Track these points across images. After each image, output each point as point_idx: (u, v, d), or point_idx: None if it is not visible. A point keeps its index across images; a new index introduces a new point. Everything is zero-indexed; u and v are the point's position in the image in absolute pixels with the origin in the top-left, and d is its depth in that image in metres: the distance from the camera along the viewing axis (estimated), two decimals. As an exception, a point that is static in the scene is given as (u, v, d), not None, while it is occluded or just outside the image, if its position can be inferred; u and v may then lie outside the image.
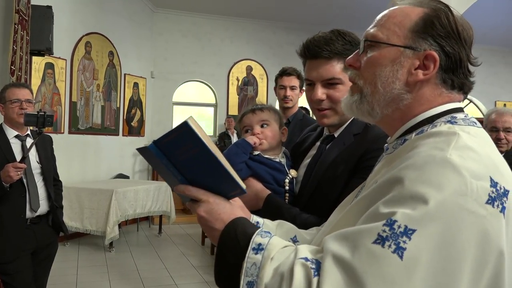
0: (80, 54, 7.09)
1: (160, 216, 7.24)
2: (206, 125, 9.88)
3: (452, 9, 0.95)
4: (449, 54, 0.92)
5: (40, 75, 6.26)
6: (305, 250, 0.83)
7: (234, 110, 9.76)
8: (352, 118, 1.46)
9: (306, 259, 0.80)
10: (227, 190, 1.01)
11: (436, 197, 0.74)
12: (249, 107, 1.68)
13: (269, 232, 0.92)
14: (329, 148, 1.47)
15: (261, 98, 9.88)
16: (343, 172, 1.35)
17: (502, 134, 2.96)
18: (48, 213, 3.05)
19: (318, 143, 1.56)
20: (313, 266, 0.78)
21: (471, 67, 0.97)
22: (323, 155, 1.46)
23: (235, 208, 1.02)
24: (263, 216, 1.43)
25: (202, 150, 0.92)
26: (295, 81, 3.41)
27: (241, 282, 0.84)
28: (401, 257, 0.71)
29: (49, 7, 4.85)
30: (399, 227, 0.73)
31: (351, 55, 1.03)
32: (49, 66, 6.41)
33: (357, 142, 1.40)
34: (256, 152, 1.56)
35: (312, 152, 1.55)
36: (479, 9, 7.04)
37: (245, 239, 0.90)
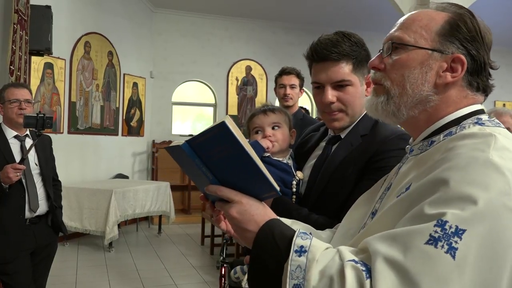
0: (79, 54, 7.08)
1: (160, 216, 7.23)
2: (205, 125, 9.87)
3: (474, 13, 0.98)
4: (475, 57, 0.96)
5: (39, 75, 6.25)
6: (348, 252, 0.84)
7: (233, 110, 9.76)
8: (358, 119, 1.46)
9: (355, 261, 0.80)
10: (260, 191, 0.99)
11: (484, 198, 0.76)
12: (259, 107, 1.66)
13: (306, 233, 0.91)
14: (336, 149, 1.46)
15: (261, 98, 9.88)
16: (352, 173, 1.35)
17: None
18: (48, 213, 3.05)
19: (323, 144, 1.55)
20: (363, 268, 0.78)
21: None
22: (330, 156, 1.45)
23: (268, 210, 1.01)
24: None
25: (238, 151, 0.91)
26: (294, 80, 3.44)
27: (287, 285, 0.83)
28: (453, 257, 0.73)
29: (48, 7, 4.85)
30: (450, 227, 0.75)
31: (374, 57, 1.05)
32: (48, 66, 6.40)
33: (365, 143, 1.40)
34: (266, 154, 1.56)
35: (317, 152, 1.55)
36: (478, 9, 7.02)
37: (284, 242, 0.89)
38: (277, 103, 3.63)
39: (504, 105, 10.99)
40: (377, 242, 0.80)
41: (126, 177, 8.08)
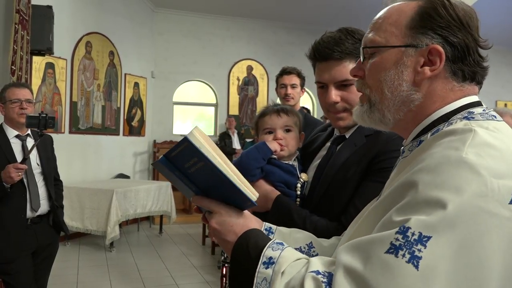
0: (80, 54, 7.08)
1: (161, 216, 7.24)
2: (206, 125, 9.88)
3: None
4: (454, 43, 0.86)
5: (41, 75, 6.26)
6: (317, 263, 0.80)
7: (234, 110, 9.77)
8: None
9: (318, 272, 0.76)
10: (241, 202, 0.99)
11: (454, 201, 0.68)
12: (271, 106, 1.60)
13: (281, 244, 0.89)
14: (340, 149, 1.43)
15: (262, 98, 9.89)
16: (354, 174, 1.32)
17: None
18: (49, 213, 3.05)
19: (328, 144, 1.52)
20: (325, 280, 0.74)
21: (483, 52, 0.91)
22: (334, 156, 1.43)
23: (248, 220, 1.00)
24: (271, 217, 1.39)
25: (207, 164, 0.91)
26: (295, 79, 3.44)
27: None
28: (416, 266, 0.66)
29: (50, 7, 4.85)
30: (413, 234, 0.68)
31: (354, 65, 0.99)
32: (50, 66, 6.41)
33: (369, 143, 1.37)
34: (273, 156, 1.52)
35: (322, 153, 1.52)
36: (479, 9, 7.01)
37: (256, 252, 0.87)
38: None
39: (505, 105, 10.98)
40: (343, 251, 0.76)
41: (127, 177, 8.08)
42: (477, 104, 0.89)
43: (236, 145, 8.65)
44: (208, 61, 9.57)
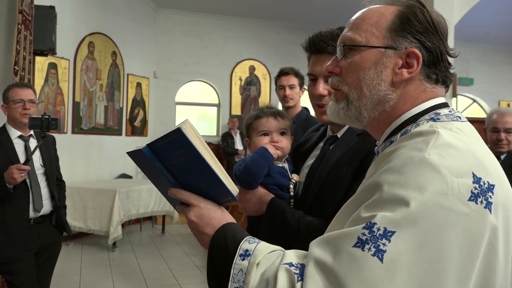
0: (83, 54, 7.10)
1: (163, 216, 7.24)
2: (209, 125, 9.89)
3: (424, 3, 0.95)
4: (430, 49, 0.92)
5: (43, 75, 6.27)
6: (292, 255, 0.85)
7: (237, 110, 9.77)
8: None
9: (291, 264, 0.81)
10: (219, 196, 1.01)
11: (417, 199, 0.73)
12: (265, 108, 1.61)
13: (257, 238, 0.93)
14: (332, 149, 1.44)
15: (264, 98, 9.89)
16: (346, 174, 1.33)
17: (502, 135, 2.91)
18: (52, 213, 3.06)
19: (321, 144, 1.53)
20: (297, 271, 0.79)
21: (450, 59, 0.96)
22: (326, 156, 1.43)
23: (226, 214, 1.03)
24: (266, 219, 1.39)
25: (194, 156, 0.92)
26: (293, 80, 3.42)
27: None
28: (381, 259, 0.71)
29: (52, 7, 4.86)
30: (378, 229, 0.73)
31: (330, 61, 1.02)
32: (52, 66, 6.42)
33: (360, 142, 1.38)
34: None
35: (315, 152, 1.53)
36: (482, 9, 7.02)
37: (233, 245, 0.91)
38: (280, 105, 3.62)
39: (508, 105, 10.94)
40: (315, 245, 0.80)
41: (130, 177, 8.09)
42: (444, 105, 0.94)
43: (239, 145, 8.65)
44: (210, 61, 9.58)
